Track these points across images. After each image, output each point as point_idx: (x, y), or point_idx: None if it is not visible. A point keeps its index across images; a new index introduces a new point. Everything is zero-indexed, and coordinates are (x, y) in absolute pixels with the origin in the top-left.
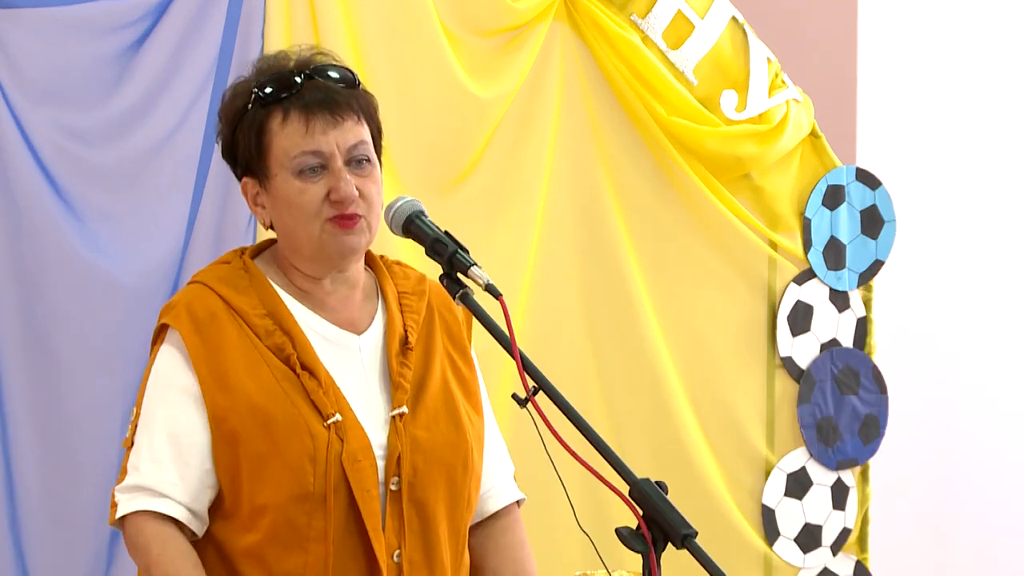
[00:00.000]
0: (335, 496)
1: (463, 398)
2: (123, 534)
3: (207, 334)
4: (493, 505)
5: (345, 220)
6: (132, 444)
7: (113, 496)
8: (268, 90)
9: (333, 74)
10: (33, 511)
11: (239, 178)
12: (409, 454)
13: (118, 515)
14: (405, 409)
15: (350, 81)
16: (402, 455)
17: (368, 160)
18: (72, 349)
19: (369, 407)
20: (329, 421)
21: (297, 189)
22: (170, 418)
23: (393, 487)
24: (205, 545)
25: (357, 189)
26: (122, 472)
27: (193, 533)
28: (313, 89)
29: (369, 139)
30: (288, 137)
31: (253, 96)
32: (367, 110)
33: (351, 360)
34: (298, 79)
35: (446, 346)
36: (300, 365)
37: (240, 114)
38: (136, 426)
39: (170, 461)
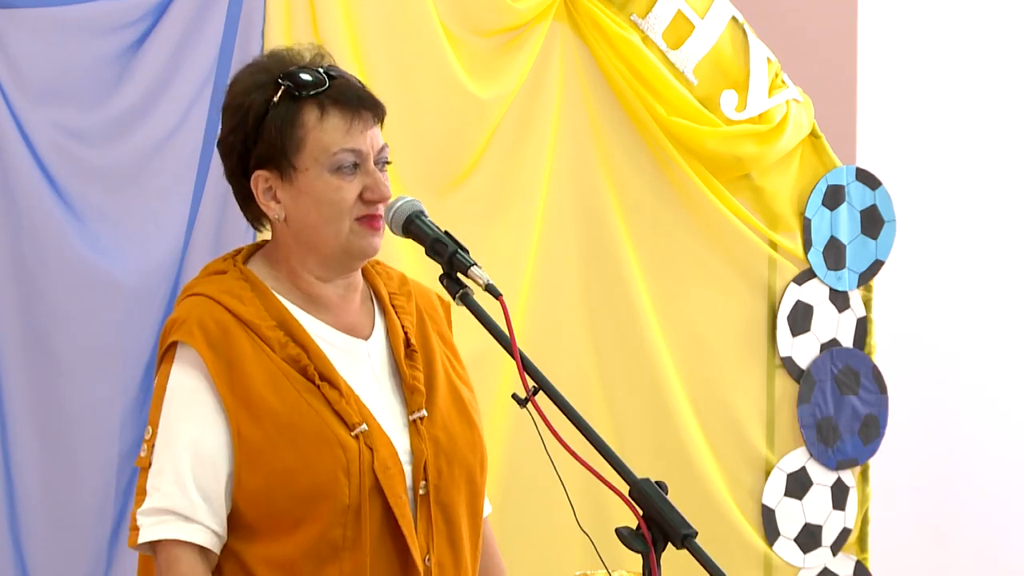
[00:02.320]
0: (370, 505)
1: (467, 395)
2: (151, 560)
3: (222, 350)
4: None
5: (374, 221)
6: (150, 464)
7: (134, 519)
8: (300, 83)
9: (350, 74)
10: (33, 511)
11: (247, 171)
12: (433, 457)
13: (144, 540)
14: (424, 412)
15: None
16: (427, 459)
17: (388, 163)
18: (72, 349)
19: (387, 413)
20: (356, 431)
21: (333, 186)
22: (192, 438)
23: (421, 491)
24: (227, 562)
25: None
26: (140, 492)
27: (215, 554)
28: (346, 87)
29: None
30: (328, 133)
31: (282, 89)
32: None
33: (362, 367)
34: (325, 75)
35: (439, 344)
36: (319, 376)
37: (264, 107)
38: (153, 446)
39: (194, 483)
